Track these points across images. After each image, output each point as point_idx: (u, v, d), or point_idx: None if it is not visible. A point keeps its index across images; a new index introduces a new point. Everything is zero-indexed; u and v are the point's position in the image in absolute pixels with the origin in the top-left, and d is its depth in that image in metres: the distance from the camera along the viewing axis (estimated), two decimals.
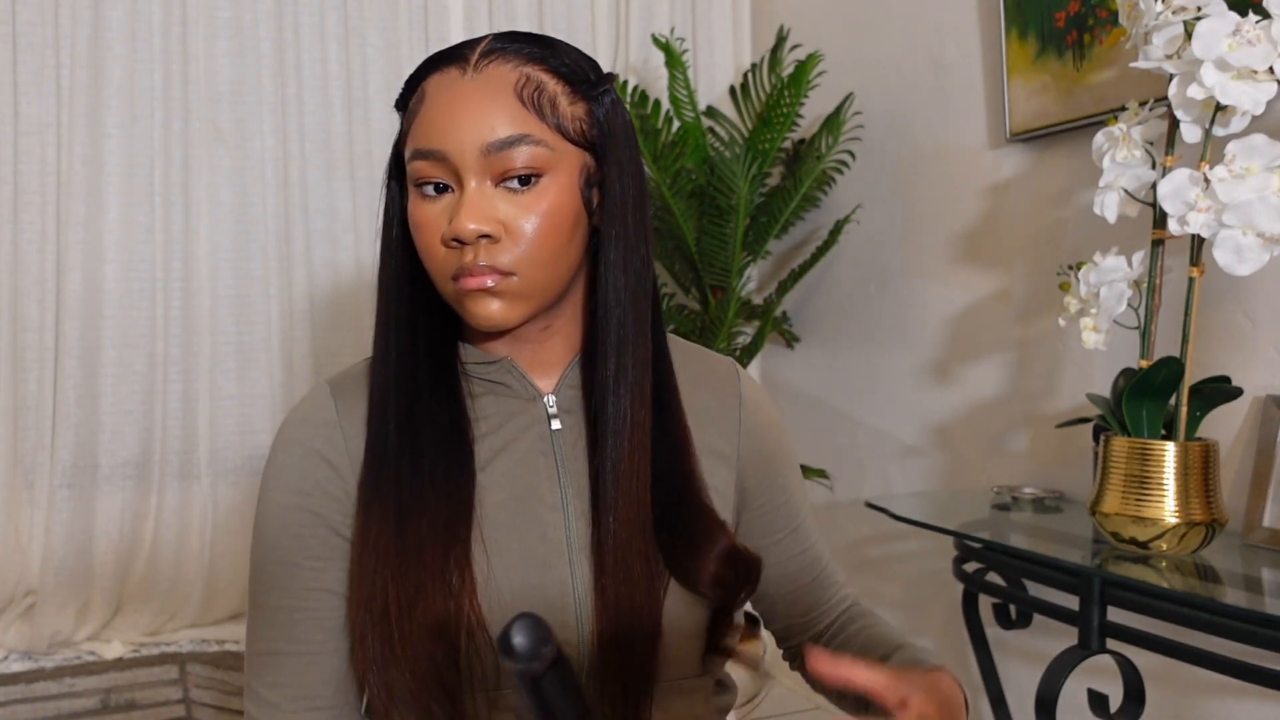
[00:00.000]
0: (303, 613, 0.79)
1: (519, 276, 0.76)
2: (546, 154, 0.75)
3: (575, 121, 0.77)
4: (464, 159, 0.74)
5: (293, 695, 0.78)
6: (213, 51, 2.35)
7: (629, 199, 0.80)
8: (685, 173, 2.20)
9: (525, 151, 0.74)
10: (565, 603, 0.78)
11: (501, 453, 0.82)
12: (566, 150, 0.77)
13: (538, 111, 0.75)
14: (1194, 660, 1.21)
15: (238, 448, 2.43)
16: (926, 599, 2.09)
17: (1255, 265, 1.13)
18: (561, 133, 0.76)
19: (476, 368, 0.84)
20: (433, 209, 0.77)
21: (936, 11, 2.04)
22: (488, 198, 0.75)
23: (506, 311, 0.77)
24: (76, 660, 2.31)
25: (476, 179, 0.75)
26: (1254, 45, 1.11)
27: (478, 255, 0.74)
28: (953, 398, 2.02)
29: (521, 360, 0.84)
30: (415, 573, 0.75)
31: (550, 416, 0.84)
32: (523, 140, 0.74)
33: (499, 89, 0.75)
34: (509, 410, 0.84)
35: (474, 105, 0.74)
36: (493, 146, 0.74)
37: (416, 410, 0.80)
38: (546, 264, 0.77)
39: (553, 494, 0.81)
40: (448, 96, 0.76)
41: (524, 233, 0.75)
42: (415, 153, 0.77)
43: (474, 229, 0.73)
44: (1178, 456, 1.23)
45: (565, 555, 0.79)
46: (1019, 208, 1.86)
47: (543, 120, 0.75)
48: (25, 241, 2.27)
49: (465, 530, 0.77)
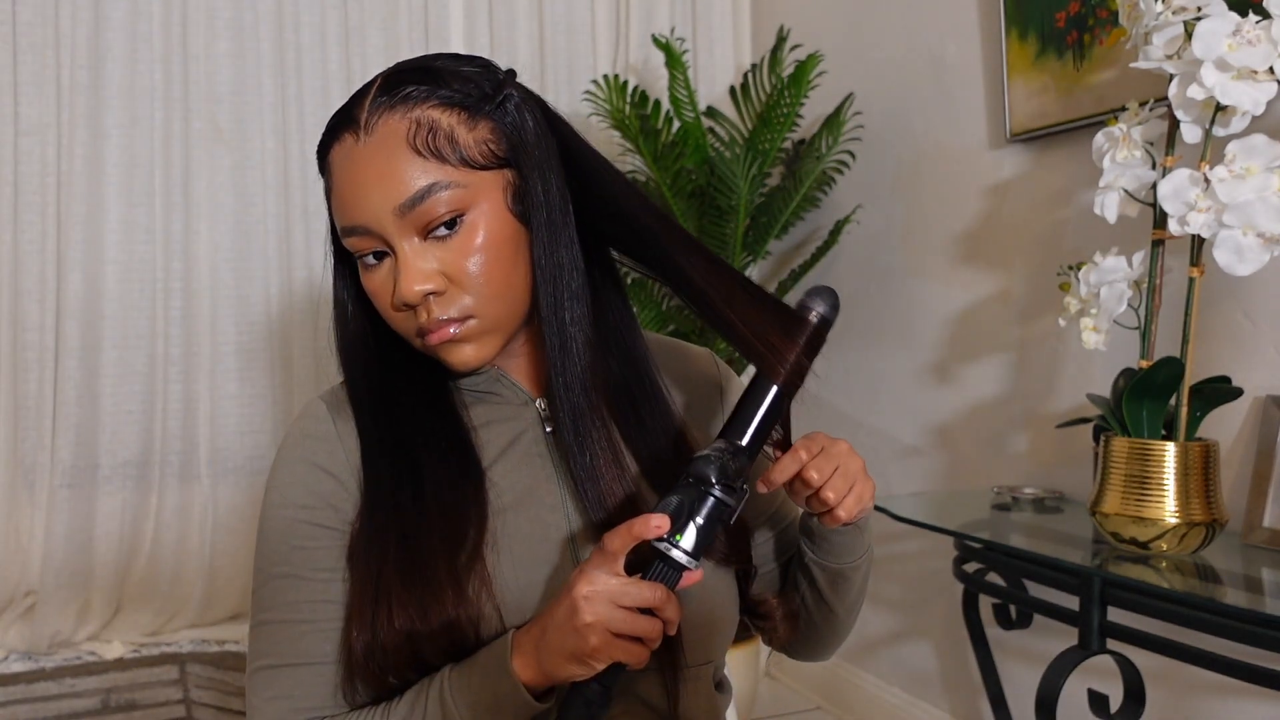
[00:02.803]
0: (309, 624, 0.78)
1: (478, 318, 0.76)
2: (460, 193, 0.74)
3: (480, 145, 0.76)
4: (384, 226, 0.74)
5: (294, 707, 0.78)
6: (213, 52, 2.36)
7: (551, 196, 0.78)
8: (685, 173, 2.20)
9: (442, 197, 0.74)
10: None
11: (500, 458, 0.82)
12: (481, 179, 0.76)
13: (437, 155, 0.74)
14: (1194, 660, 1.21)
15: (238, 448, 2.43)
16: (927, 599, 2.09)
17: (1255, 265, 1.13)
18: (469, 165, 0.75)
19: (465, 381, 0.84)
20: (378, 275, 0.77)
21: (936, 12, 2.04)
22: (421, 254, 0.75)
23: (480, 351, 0.77)
24: (77, 660, 2.31)
25: (404, 240, 0.74)
26: (1254, 45, 1.11)
27: (431, 312, 0.75)
28: (953, 398, 2.02)
29: (510, 368, 0.85)
30: (428, 579, 0.75)
31: (544, 419, 0.84)
32: (431, 190, 0.73)
33: (393, 147, 0.74)
34: (503, 416, 0.84)
35: (373, 171, 0.74)
36: (405, 206, 0.73)
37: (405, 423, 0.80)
38: (500, 295, 0.76)
39: (551, 494, 0.82)
40: (349, 168, 0.76)
41: (468, 275, 0.75)
42: (342, 230, 0.78)
43: (417, 290, 0.74)
44: (1178, 457, 1.23)
45: (569, 554, 0.80)
46: (1019, 208, 1.86)
47: (444, 162, 0.74)
48: (25, 242, 2.27)
49: (479, 535, 0.77)
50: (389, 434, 0.80)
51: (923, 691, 2.10)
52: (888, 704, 2.18)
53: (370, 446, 0.80)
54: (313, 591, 0.78)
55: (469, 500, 0.79)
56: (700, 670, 0.85)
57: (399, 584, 0.75)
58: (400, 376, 0.83)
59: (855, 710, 2.26)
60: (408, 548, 0.76)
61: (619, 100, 2.18)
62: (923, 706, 2.09)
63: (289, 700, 0.78)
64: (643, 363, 0.86)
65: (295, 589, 0.79)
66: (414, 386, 0.83)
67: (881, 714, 2.19)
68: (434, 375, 0.84)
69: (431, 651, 0.75)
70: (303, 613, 0.78)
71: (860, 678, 2.27)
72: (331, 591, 0.78)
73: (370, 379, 0.83)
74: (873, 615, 2.25)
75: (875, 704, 2.21)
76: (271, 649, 0.78)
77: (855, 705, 2.26)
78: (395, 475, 0.79)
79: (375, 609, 0.75)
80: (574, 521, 0.81)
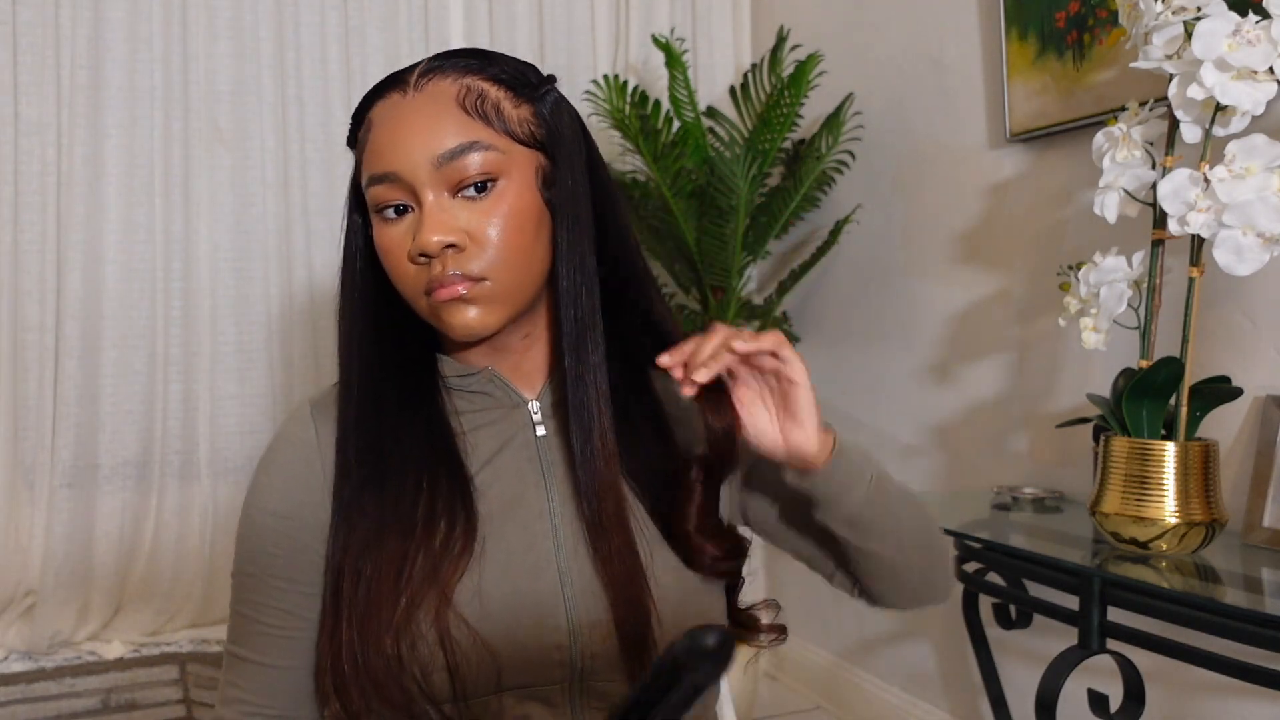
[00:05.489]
0: (265, 626, 0.80)
1: (491, 280, 0.76)
2: (498, 157, 0.76)
3: (522, 123, 0.78)
4: (417, 175, 0.75)
5: (247, 699, 0.81)
6: (213, 52, 2.36)
7: (579, 194, 0.80)
8: (685, 173, 2.20)
9: (476, 158, 0.75)
10: (556, 609, 0.77)
11: (489, 463, 0.82)
12: (518, 152, 0.77)
13: (483, 117, 0.76)
14: (1194, 660, 1.21)
15: (238, 448, 2.43)
16: None
17: (1255, 265, 1.13)
18: (510, 135, 0.77)
19: (457, 381, 0.84)
20: (396, 230, 0.77)
21: (936, 11, 2.04)
22: (447, 209, 0.75)
23: (484, 317, 0.77)
24: (77, 660, 2.31)
25: (433, 193, 0.75)
26: (1254, 45, 1.11)
27: (446, 266, 0.75)
28: (953, 398, 2.02)
29: (503, 369, 0.84)
30: (403, 589, 0.75)
31: (535, 423, 0.84)
32: (472, 147, 0.75)
33: (442, 102, 0.76)
34: (493, 419, 0.83)
35: (419, 121, 0.75)
36: (443, 158, 0.74)
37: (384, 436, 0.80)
38: (516, 265, 0.77)
39: (539, 500, 0.81)
40: (393, 118, 0.77)
41: (488, 237, 0.75)
42: (370, 179, 0.77)
43: (438, 240, 0.74)
44: (1178, 456, 1.23)
45: (554, 562, 0.79)
46: (1019, 208, 1.86)
47: (489, 125, 0.76)
48: (26, 241, 2.27)
49: (465, 543, 0.77)
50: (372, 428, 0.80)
51: (922, 691, 2.10)
52: (887, 704, 2.18)
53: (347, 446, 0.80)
54: (272, 596, 0.80)
55: (455, 507, 0.78)
56: None
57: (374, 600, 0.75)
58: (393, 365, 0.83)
59: (855, 710, 2.26)
60: (385, 556, 0.76)
61: (619, 100, 2.18)
62: (922, 706, 2.09)
63: (245, 691, 0.81)
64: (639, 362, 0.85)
65: (258, 590, 0.81)
66: (406, 379, 0.83)
67: (881, 714, 2.19)
68: (426, 373, 0.84)
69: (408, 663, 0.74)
70: (264, 614, 0.81)
71: (860, 677, 2.27)
72: (288, 601, 0.80)
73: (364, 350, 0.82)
74: (873, 615, 2.25)
75: (875, 704, 2.21)
76: (240, 638, 0.82)
77: (855, 705, 2.26)
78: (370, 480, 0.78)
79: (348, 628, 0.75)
80: (560, 528, 0.80)
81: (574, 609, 0.78)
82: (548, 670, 0.77)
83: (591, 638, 0.77)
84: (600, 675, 0.78)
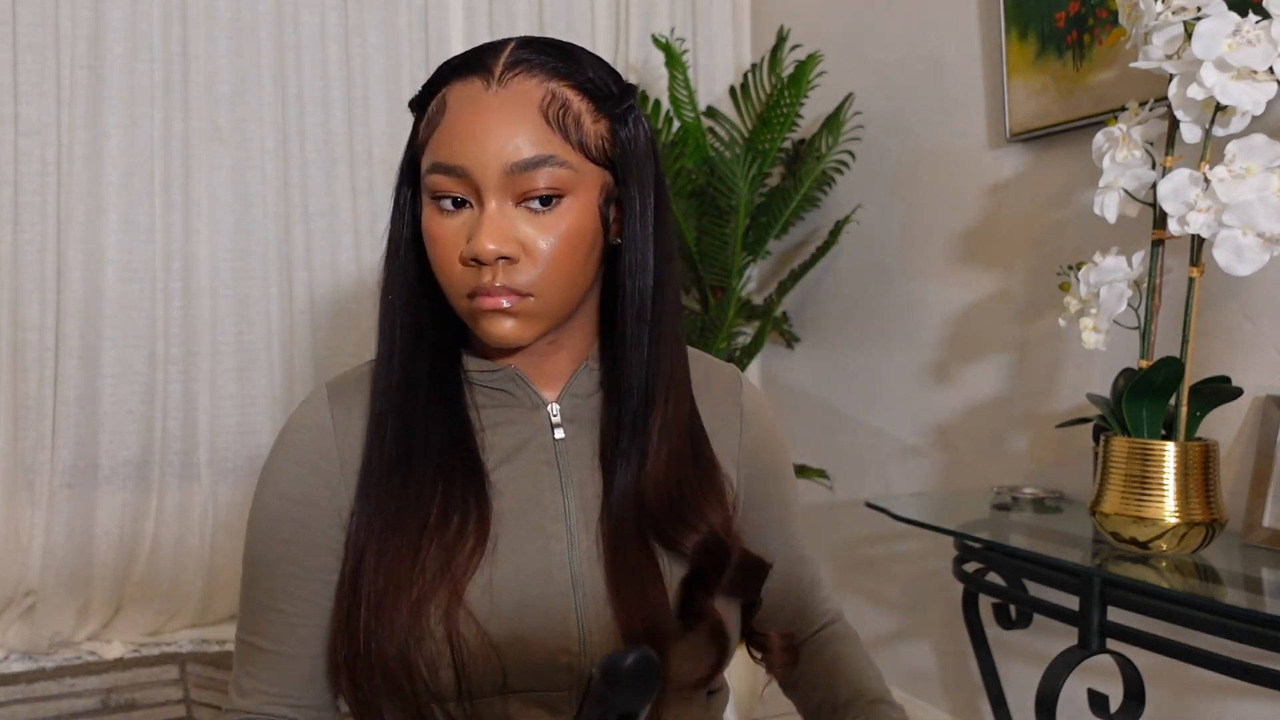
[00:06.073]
0: (278, 614, 0.80)
1: (536, 298, 0.75)
2: (569, 175, 0.74)
3: (598, 140, 0.76)
4: (486, 178, 0.73)
5: (263, 689, 0.80)
6: (213, 52, 2.36)
7: (649, 214, 0.79)
8: (685, 173, 2.20)
9: (548, 173, 0.73)
10: (567, 615, 0.77)
11: (505, 462, 0.81)
12: (588, 170, 0.76)
13: (562, 131, 0.74)
14: (1194, 660, 1.21)
15: (238, 448, 2.43)
16: (926, 599, 2.09)
17: (1255, 265, 1.13)
18: (584, 152, 0.75)
19: (480, 375, 0.83)
20: (450, 223, 0.75)
21: (936, 12, 2.04)
22: (508, 218, 0.73)
23: (521, 331, 0.76)
24: (77, 660, 2.31)
25: (497, 198, 0.73)
26: (1254, 45, 1.11)
27: (495, 276, 0.73)
28: (953, 398, 2.02)
29: (526, 369, 0.83)
30: (415, 581, 0.75)
31: (554, 425, 0.83)
32: (547, 161, 0.73)
33: (524, 106, 0.73)
34: (512, 419, 0.83)
35: (498, 123, 0.73)
36: (517, 167, 0.72)
37: (416, 421, 0.79)
38: (564, 285, 0.76)
39: (555, 504, 0.80)
40: (471, 110, 0.74)
41: (542, 254, 0.74)
42: (435, 165, 0.75)
43: (494, 250, 0.72)
44: (1178, 456, 1.23)
45: (567, 568, 0.78)
46: (1019, 208, 1.86)
47: (567, 140, 0.74)
48: (26, 241, 2.27)
49: (478, 541, 0.77)
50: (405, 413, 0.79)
51: (923, 691, 2.10)
52: None
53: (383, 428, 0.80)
54: (286, 584, 0.80)
55: (469, 503, 0.77)
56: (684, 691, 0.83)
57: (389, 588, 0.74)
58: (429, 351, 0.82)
59: None
60: (403, 543, 0.76)
61: None
62: (923, 706, 2.09)
63: (260, 680, 0.81)
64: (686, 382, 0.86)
65: (271, 577, 0.81)
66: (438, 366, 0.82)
67: None
68: (453, 367, 0.83)
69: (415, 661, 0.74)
70: (278, 601, 0.80)
71: None
72: (303, 589, 0.80)
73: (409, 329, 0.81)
74: (873, 615, 2.25)
75: None
76: (254, 627, 0.82)
77: None
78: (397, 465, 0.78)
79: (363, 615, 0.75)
80: (575, 533, 0.79)
81: (585, 615, 0.77)
82: (555, 675, 0.76)
83: (602, 645, 0.77)
84: None
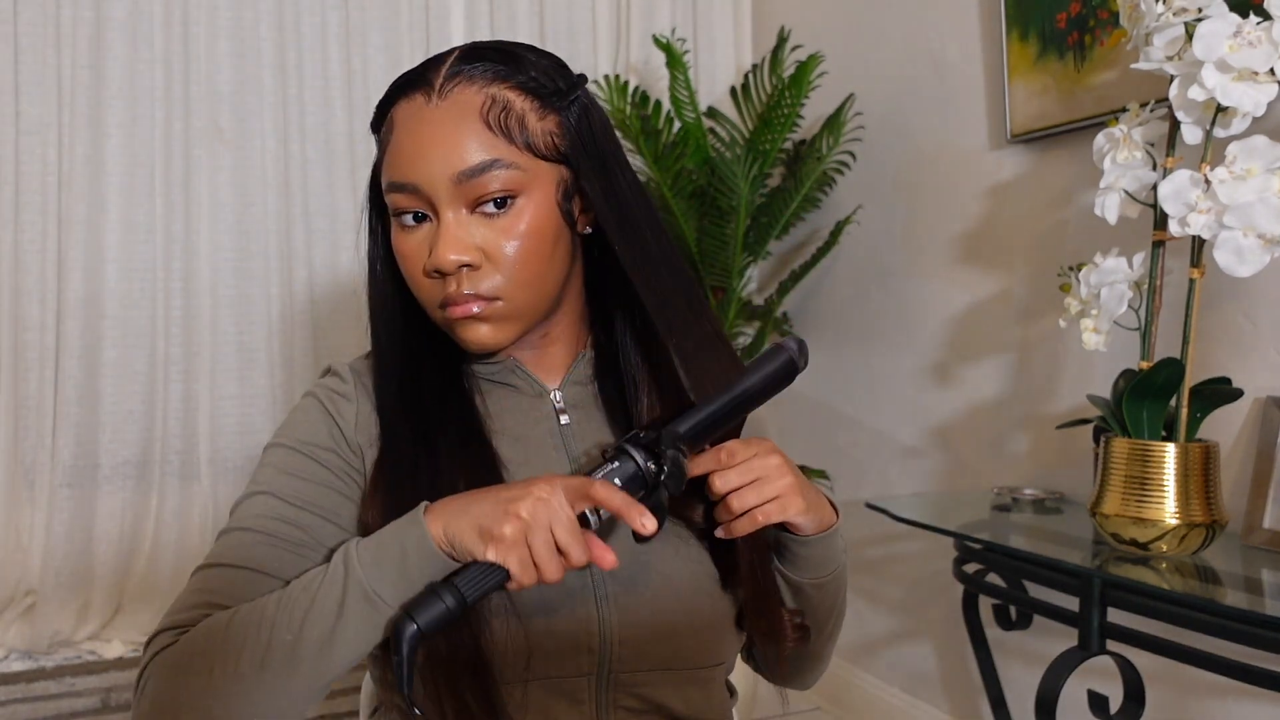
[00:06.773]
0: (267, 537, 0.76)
1: (504, 300, 0.76)
2: (519, 175, 0.75)
3: (546, 136, 0.77)
4: (436, 190, 0.75)
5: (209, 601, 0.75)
6: (213, 51, 2.36)
7: (614, 200, 0.79)
8: (686, 173, 2.20)
9: (497, 176, 0.74)
10: (587, 598, 0.78)
11: (515, 447, 0.83)
12: (539, 168, 0.77)
13: (505, 134, 0.75)
14: (1194, 661, 1.21)
15: (238, 448, 2.43)
16: (926, 600, 2.09)
17: (1256, 267, 1.13)
18: (532, 151, 0.76)
19: (482, 368, 0.85)
20: (413, 239, 0.77)
21: (937, 12, 2.04)
22: (464, 225, 0.75)
23: (496, 334, 0.78)
24: (77, 660, 2.31)
25: (452, 208, 0.75)
26: (1255, 47, 1.11)
27: (460, 284, 0.75)
28: (953, 398, 2.02)
29: (525, 360, 0.85)
30: None
31: (558, 412, 0.85)
32: (493, 165, 0.74)
33: (465, 115, 0.75)
34: (518, 406, 0.85)
35: (441, 134, 0.74)
36: (464, 175, 0.74)
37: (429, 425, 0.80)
38: (530, 284, 0.77)
39: None
40: (415, 126, 0.76)
41: (504, 256, 0.75)
42: (390, 185, 0.77)
43: (453, 259, 0.74)
44: (1178, 458, 1.23)
45: None
46: (1019, 209, 1.86)
47: (512, 142, 0.75)
48: (26, 241, 2.27)
49: None
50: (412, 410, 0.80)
51: (923, 692, 2.10)
52: (888, 704, 2.18)
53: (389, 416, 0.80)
54: (284, 512, 0.77)
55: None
56: (714, 671, 0.85)
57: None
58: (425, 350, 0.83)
59: (855, 710, 2.26)
60: None
61: (620, 100, 2.18)
62: (922, 707, 2.09)
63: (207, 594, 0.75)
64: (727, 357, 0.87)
65: (267, 505, 0.77)
66: (437, 363, 0.84)
67: (881, 714, 2.19)
68: (453, 358, 0.85)
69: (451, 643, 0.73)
70: (267, 526, 0.76)
71: (860, 678, 2.27)
72: (303, 519, 0.77)
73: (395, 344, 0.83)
74: (873, 615, 2.25)
75: (875, 704, 2.21)
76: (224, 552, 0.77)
77: (855, 705, 2.26)
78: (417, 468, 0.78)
79: None
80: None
81: (602, 594, 0.78)
82: (576, 658, 0.77)
83: (621, 624, 0.78)
84: (628, 665, 0.78)
